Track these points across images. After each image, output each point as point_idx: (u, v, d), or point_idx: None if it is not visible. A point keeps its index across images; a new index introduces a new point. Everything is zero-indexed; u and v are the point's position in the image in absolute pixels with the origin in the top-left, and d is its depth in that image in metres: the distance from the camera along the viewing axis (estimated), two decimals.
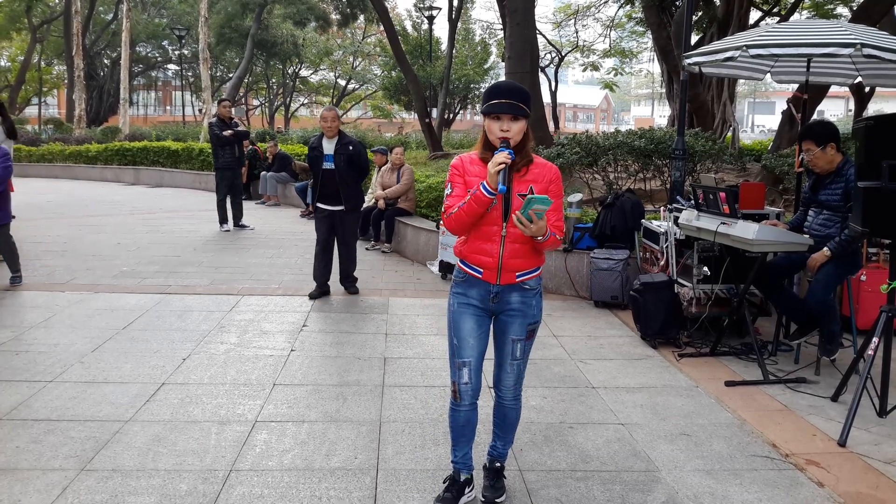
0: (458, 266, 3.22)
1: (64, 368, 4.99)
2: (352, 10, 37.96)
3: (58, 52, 42.50)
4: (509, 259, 3.05)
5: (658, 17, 16.24)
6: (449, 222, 3.05)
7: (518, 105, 2.93)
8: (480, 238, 3.06)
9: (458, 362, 3.28)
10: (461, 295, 3.20)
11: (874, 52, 5.16)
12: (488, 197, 2.89)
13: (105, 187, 19.78)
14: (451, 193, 3.08)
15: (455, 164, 3.13)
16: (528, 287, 3.13)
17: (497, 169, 2.84)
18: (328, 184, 7.14)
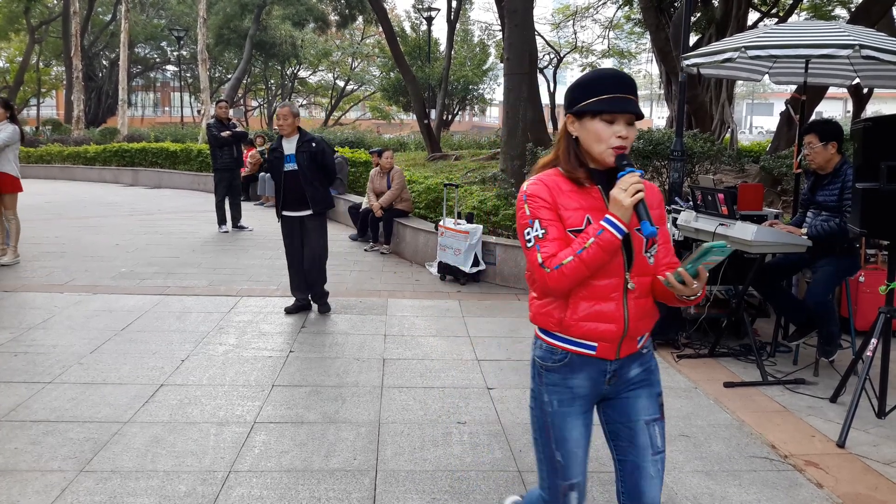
0: (548, 343, 2.30)
1: (63, 370, 4.98)
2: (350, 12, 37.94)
3: (56, 53, 42.51)
4: (637, 321, 2.22)
5: (656, 18, 16.25)
6: (560, 279, 2.10)
7: (634, 101, 2.13)
8: (593, 297, 2.17)
9: (564, 486, 2.34)
10: (560, 388, 2.28)
11: (872, 53, 5.17)
12: (620, 239, 2.09)
13: (103, 188, 19.77)
14: (547, 235, 2.14)
15: (535, 191, 2.17)
16: (646, 350, 2.33)
17: (634, 200, 2.05)
18: (292, 187, 6.48)
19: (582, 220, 2.14)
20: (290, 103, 6.67)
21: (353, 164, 13.87)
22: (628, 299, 2.19)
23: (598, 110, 2.11)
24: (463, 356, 5.54)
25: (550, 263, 2.10)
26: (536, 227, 2.15)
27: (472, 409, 4.49)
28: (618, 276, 2.17)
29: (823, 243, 5.00)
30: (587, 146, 2.15)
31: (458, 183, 10.02)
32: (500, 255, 8.14)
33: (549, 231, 2.14)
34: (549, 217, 2.15)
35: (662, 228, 2.28)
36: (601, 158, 2.14)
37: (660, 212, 2.28)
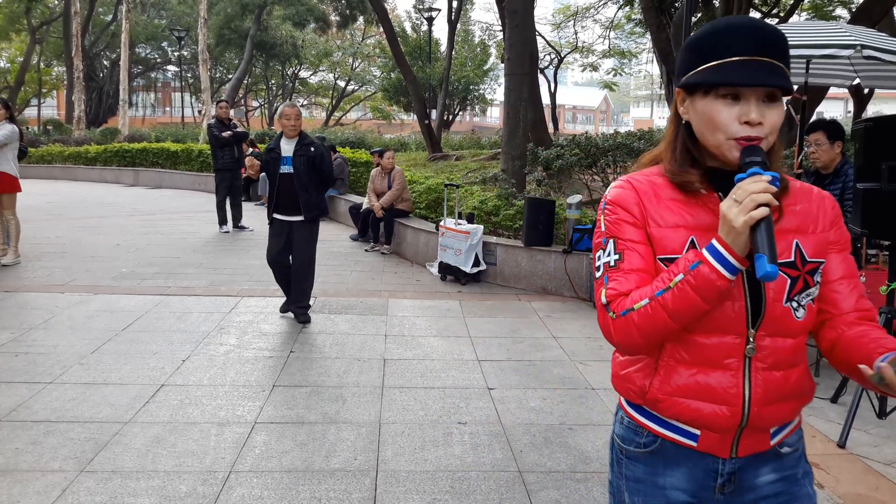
0: (630, 416, 1.67)
1: (63, 370, 4.99)
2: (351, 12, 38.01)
3: (57, 54, 42.54)
4: (766, 405, 1.49)
5: (657, 18, 16.26)
6: (627, 331, 1.46)
7: (778, 67, 1.42)
8: (695, 360, 1.50)
9: None
10: (646, 486, 1.62)
11: (873, 53, 5.18)
12: (728, 279, 1.37)
13: (104, 188, 19.77)
14: (621, 263, 1.51)
15: (618, 197, 1.54)
16: (788, 449, 1.58)
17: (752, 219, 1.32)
18: (286, 190, 6.25)
19: (683, 243, 1.47)
20: (296, 104, 6.60)
21: (354, 165, 13.88)
22: (752, 370, 1.47)
23: (713, 82, 1.42)
24: (463, 356, 5.54)
25: (618, 306, 1.47)
26: (610, 249, 1.53)
27: (472, 409, 4.49)
28: (735, 334, 1.47)
29: None
30: (700, 135, 1.49)
31: (458, 183, 10.02)
32: (500, 256, 8.14)
33: (625, 257, 1.50)
34: (631, 237, 1.51)
35: (835, 259, 1.53)
36: (720, 153, 1.45)
37: (826, 235, 1.51)
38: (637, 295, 1.45)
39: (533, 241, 7.77)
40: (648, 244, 1.50)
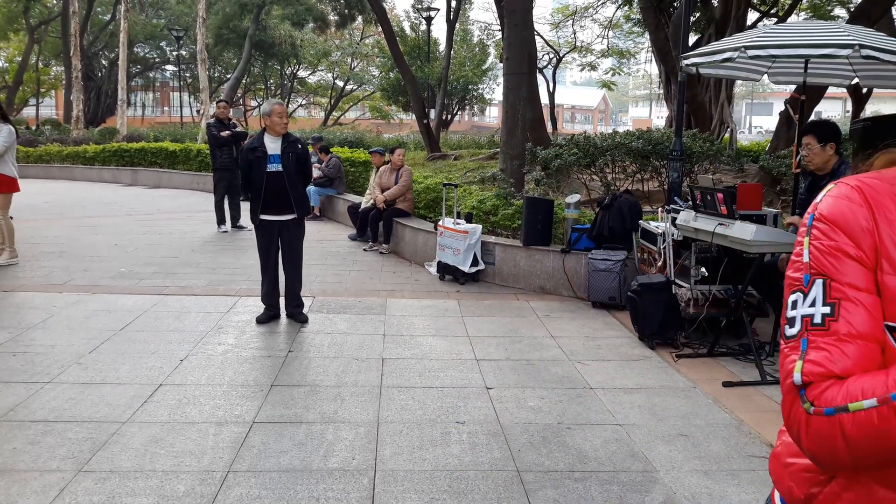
0: None
1: (61, 369, 4.98)
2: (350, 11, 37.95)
3: (55, 53, 42.49)
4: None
5: (656, 17, 16.28)
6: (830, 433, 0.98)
7: None
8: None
9: None
10: None
11: (872, 53, 5.17)
12: None
13: (103, 188, 19.75)
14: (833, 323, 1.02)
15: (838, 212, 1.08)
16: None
17: None
18: (275, 189, 6.12)
19: None
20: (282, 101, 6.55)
21: (353, 165, 13.87)
22: None
23: None
24: (462, 356, 5.54)
25: (823, 396, 1.01)
26: (818, 293, 1.05)
27: (470, 408, 4.48)
28: None
29: None
30: None
31: (457, 183, 10.03)
32: (499, 255, 8.13)
33: (843, 313, 1.02)
34: (853, 281, 1.03)
35: None
36: None
37: None
38: (858, 386, 0.96)
39: (531, 240, 7.77)
40: (878, 295, 1.00)
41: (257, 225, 6.29)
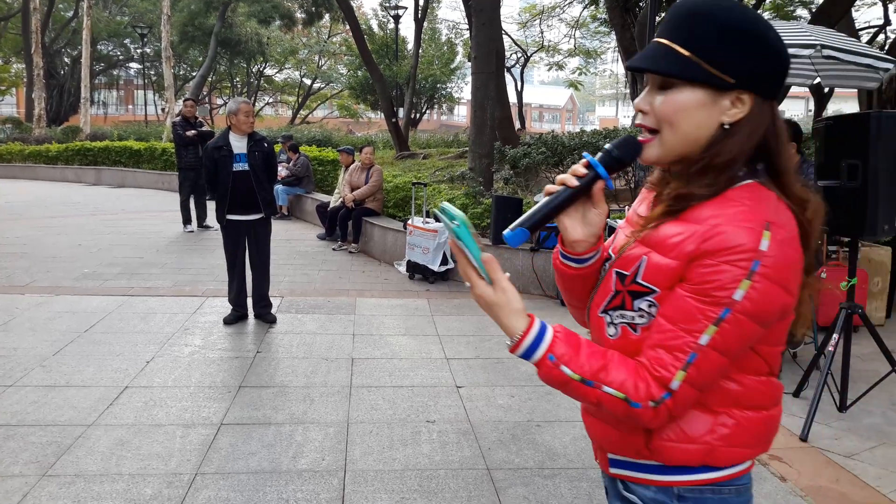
0: None
1: (24, 372, 4.89)
2: (317, 9, 37.79)
3: (16, 50, 41.65)
4: (585, 410, 1.51)
5: (622, 17, 16.40)
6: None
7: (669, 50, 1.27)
8: None
9: None
10: None
11: (833, 53, 5.27)
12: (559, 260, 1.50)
13: (66, 188, 19.45)
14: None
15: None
16: (629, 496, 1.42)
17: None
18: (242, 189, 6.04)
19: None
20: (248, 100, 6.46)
21: (321, 163, 13.80)
22: None
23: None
24: (432, 355, 5.54)
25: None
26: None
27: (440, 407, 4.49)
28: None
29: None
30: None
31: (426, 181, 10.02)
32: None
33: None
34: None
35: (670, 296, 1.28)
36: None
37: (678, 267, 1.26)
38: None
39: (500, 239, 7.78)
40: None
41: (224, 225, 6.22)
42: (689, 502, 1.34)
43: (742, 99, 1.25)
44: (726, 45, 1.23)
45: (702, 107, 1.25)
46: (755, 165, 1.28)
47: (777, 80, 1.27)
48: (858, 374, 4.94)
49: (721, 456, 1.32)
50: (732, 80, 1.23)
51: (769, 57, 1.25)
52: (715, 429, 1.30)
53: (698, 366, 1.21)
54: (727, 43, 1.23)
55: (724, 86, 1.24)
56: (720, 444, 1.31)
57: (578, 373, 1.27)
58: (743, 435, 1.32)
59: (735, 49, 1.23)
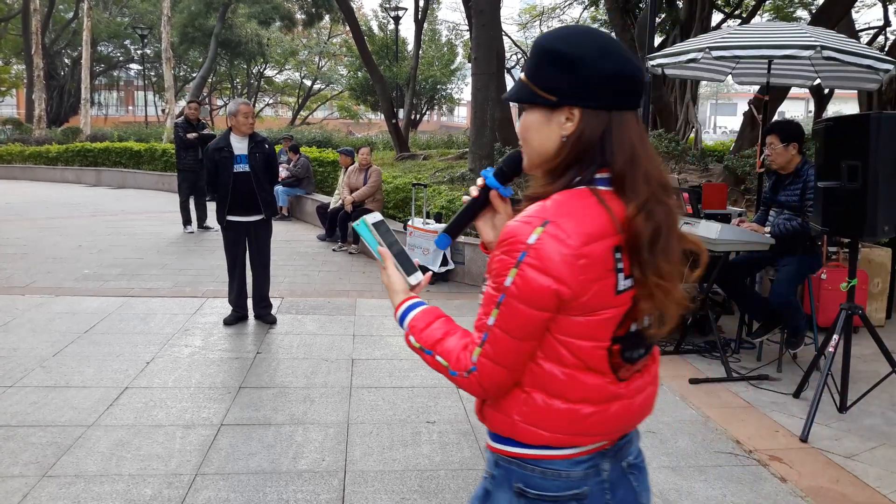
0: None
1: (24, 373, 4.89)
2: (317, 10, 37.76)
3: (16, 51, 41.63)
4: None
5: (622, 19, 16.41)
6: None
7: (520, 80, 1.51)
8: None
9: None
10: None
11: (833, 54, 5.27)
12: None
13: (66, 189, 19.45)
14: None
15: None
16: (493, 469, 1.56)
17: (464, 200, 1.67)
18: (243, 190, 6.04)
19: None
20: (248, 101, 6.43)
21: (321, 164, 13.80)
22: None
23: None
24: None
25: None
26: None
27: (441, 408, 4.49)
28: None
29: (786, 242, 5.08)
30: None
31: (426, 182, 10.02)
32: (468, 255, 8.15)
33: None
34: None
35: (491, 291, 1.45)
36: None
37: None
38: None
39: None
40: None
41: (224, 226, 6.22)
42: (502, 470, 1.50)
43: (573, 113, 1.40)
44: (548, 68, 1.41)
45: (541, 124, 1.44)
46: (596, 173, 1.41)
47: (607, 93, 1.39)
48: (858, 374, 4.95)
49: (522, 432, 1.45)
50: (555, 99, 1.41)
51: (585, 75, 1.38)
52: (521, 406, 1.44)
53: (491, 343, 1.40)
54: (549, 67, 1.41)
55: (553, 104, 1.41)
56: (520, 421, 1.44)
57: (420, 342, 1.53)
58: (544, 418, 1.42)
59: (555, 71, 1.40)
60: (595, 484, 1.47)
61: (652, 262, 1.37)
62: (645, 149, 1.42)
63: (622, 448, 1.53)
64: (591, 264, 1.34)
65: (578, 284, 1.33)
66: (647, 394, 1.56)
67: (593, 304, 1.36)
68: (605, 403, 1.44)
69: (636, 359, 1.48)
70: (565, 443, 1.44)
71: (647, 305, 1.41)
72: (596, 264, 1.34)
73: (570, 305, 1.36)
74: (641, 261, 1.37)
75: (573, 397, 1.42)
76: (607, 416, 1.45)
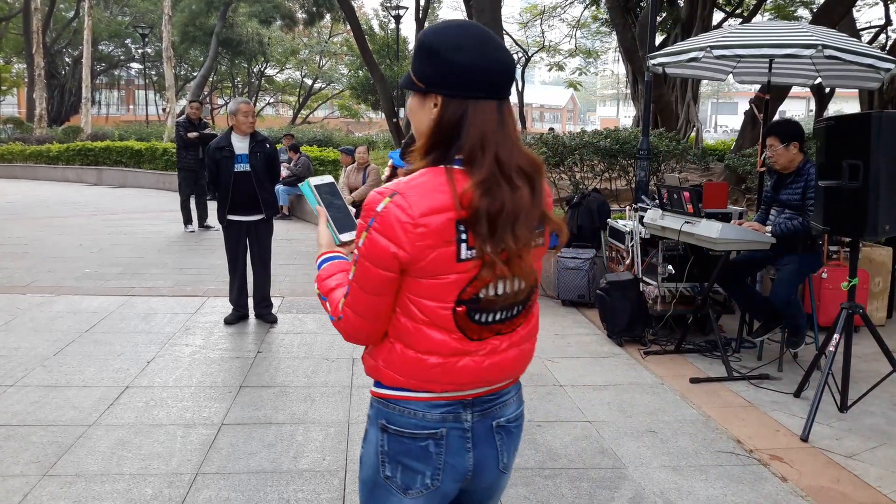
0: None
1: (25, 372, 4.90)
2: (318, 9, 37.75)
3: (17, 50, 41.65)
4: None
5: (623, 17, 16.41)
6: None
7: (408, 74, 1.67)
8: None
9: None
10: None
11: (835, 53, 5.26)
12: None
13: (67, 188, 19.46)
14: None
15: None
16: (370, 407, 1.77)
17: None
18: (243, 189, 6.02)
19: None
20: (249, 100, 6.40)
21: (322, 163, 13.80)
22: None
23: None
24: None
25: None
26: None
27: None
28: None
29: (787, 241, 5.08)
30: None
31: None
32: None
33: None
34: None
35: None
36: None
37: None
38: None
39: None
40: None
41: (225, 225, 6.22)
42: (373, 409, 1.72)
43: (438, 100, 1.57)
44: (417, 59, 1.60)
45: (418, 108, 1.62)
46: (456, 154, 1.56)
47: (464, 83, 1.55)
48: (859, 374, 4.94)
49: (384, 375, 1.66)
50: (422, 86, 1.59)
51: (445, 66, 1.54)
52: (385, 353, 1.65)
53: (351, 296, 1.62)
54: (418, 58, 1.60)
55: (423, 91, 1.60)
56: (383, 366, 1.66)
57: (319, 290, 1.75)
58: (400, 365, 1.63)
59: (422, 62, 1.59)
60: (454, 430, 1.66)
61: (492, 236, 1.51)
62: (502, 135, 1.56)
63: (491, 407, 1.71)
64: (429, 233, 1.50)
65: (415, 250, 1.51)
66: (509, 355, 1.68)
67: (433, 268, 1.53)
68: (451, 357, 1.61)
69: (489, 322, 1.61)
70: (417, 387, 1.63)
71: (489, 275, 1.54)
72: (433, 234, 1.50)
73: (411, 268, 1.54)
74: (480, 234, 1.51)
75: (421, 349, 1.60)
76: (453, 369, 1.61)
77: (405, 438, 1.65)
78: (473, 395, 1.67)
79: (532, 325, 1.75)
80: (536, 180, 1.61)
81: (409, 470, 1.66)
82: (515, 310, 1.66)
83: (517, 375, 1.76)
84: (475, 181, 1.51)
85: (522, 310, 1.68)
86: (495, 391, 1.71)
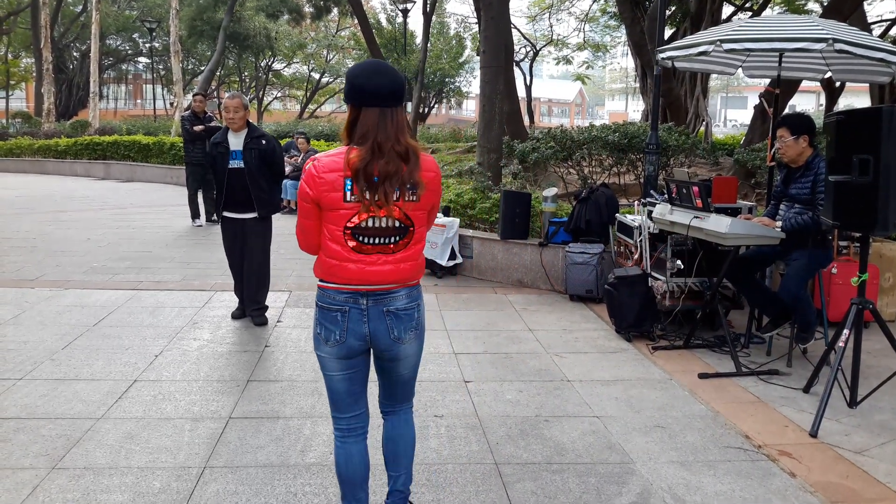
0: None
1: (34, 366, 4.91)
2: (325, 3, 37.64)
3: (25, 45, 41.78)
4: None
5: (632, 11, 16.32)
6: None
7: None
8: None
9: None
10: None
11: (845, 47, 5.21)
12: None
13: (75, 182, 19.52)
14: None
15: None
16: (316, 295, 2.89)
17: None
18: (236, 186, 5.88)
19: None
20: (240, 94, 6.12)
21: None
22: None
23: None
24: (440, 349, 5.53)
25: None
26: None
27: (448, 402, 4.48)
28: None
29: (796, 236, 5.05)
30: None
31: None
32: (476, 249, 8.14)
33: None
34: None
35: None
36: None
37: None
38: None
39: (509, 234, 7.78)
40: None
41: (220, 221, 6.15)
42: (318, 296, 2.74)
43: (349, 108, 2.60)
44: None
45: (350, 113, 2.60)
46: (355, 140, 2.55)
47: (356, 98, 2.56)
48: (869, 369, 4.92)
49: (317, 272, 2.72)
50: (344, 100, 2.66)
51: (349, 88, 2.57)
52: (318, 261, 2.71)
53: (298, 220, 2.71)
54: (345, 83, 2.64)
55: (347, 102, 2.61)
56: (316, 267, 2.73)
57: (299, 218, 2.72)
58: (321, 265, 2.69)
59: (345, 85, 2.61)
60: (353, 308, 2.66)
61: (368, 189, 2.49)
62: (382, 129, 2.52)
63: (382, 298, 2.67)
64: (325, 182, 2.53)
65: (318, 192, 2.54)
66: (385, 268, 2.63)
67: (329, 204, 2.55)
68: (343, 262, 2.60)
69: (370, 243, 2.58)
70: (328, 279, 2.66)
71: (365, 211, 2.52)
72: (328, 183, 2.53)
73: (319, 204, 2.57)
74: (360, 186, 2.49)
75: (328, 255, 2.64)
76: (345, 270, 2.61)
77: (325, 310, 2.69)
78: (367, 290, 2.64)
79: (410, 254, 2.69)
80: (410, 159, 2.53)
81: (326, 329, 2.69)
82: (391, 238, 2.60)
83: (399, 281, 2.69)
84: (357, 155, 2.48)
85: (400, 240, 2.62)
86: (385, 289, 2.66)
